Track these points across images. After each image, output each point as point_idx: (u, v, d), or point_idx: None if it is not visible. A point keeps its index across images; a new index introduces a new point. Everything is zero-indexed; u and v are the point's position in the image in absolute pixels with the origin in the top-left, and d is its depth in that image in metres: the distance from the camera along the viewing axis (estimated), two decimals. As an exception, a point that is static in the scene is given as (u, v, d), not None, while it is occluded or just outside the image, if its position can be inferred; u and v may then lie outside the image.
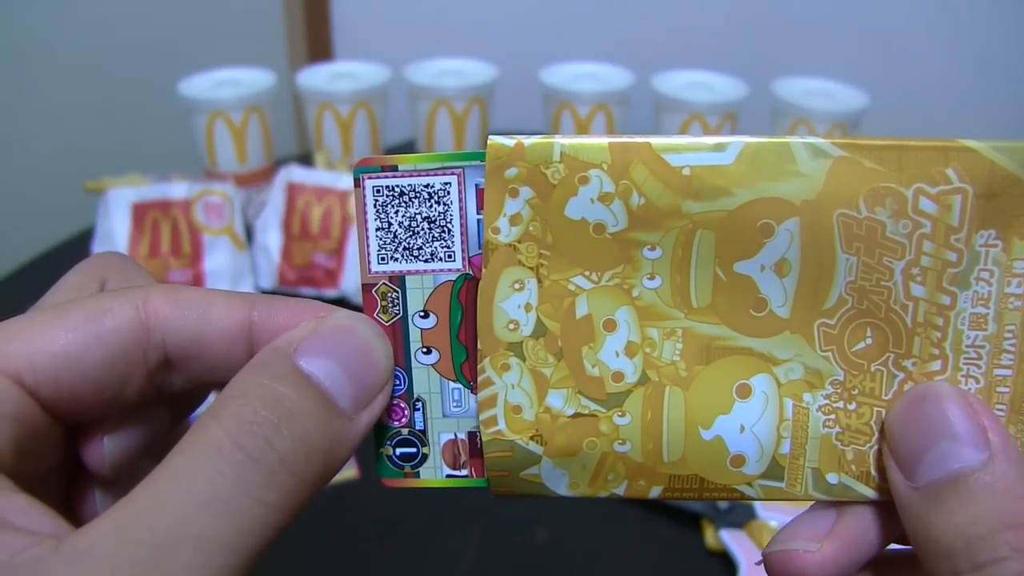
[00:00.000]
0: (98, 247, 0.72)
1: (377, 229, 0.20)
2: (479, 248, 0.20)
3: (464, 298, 0.21)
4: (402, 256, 0.21)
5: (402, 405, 0.21)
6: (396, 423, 0.22)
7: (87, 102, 1.17)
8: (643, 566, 0.52)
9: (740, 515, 0.53)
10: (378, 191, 0.20)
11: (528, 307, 0.20)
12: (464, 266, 0.21)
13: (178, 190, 0.75)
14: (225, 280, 0.73)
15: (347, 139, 0.89)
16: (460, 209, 0.20)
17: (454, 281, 0.21)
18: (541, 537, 0.53)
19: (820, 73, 0.89)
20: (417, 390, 0.21)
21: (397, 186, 0.20)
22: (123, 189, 0.74)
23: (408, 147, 0.96)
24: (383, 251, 0.21)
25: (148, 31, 1.20)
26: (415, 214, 0.20)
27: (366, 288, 0.21)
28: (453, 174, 0.20)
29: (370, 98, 0.88)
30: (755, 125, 0.90)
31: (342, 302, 0.73)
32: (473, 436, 0.22)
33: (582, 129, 0.88)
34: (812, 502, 0.22)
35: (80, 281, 0.22)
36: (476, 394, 0.21)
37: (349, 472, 0.58)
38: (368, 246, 0.21)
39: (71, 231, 0.84)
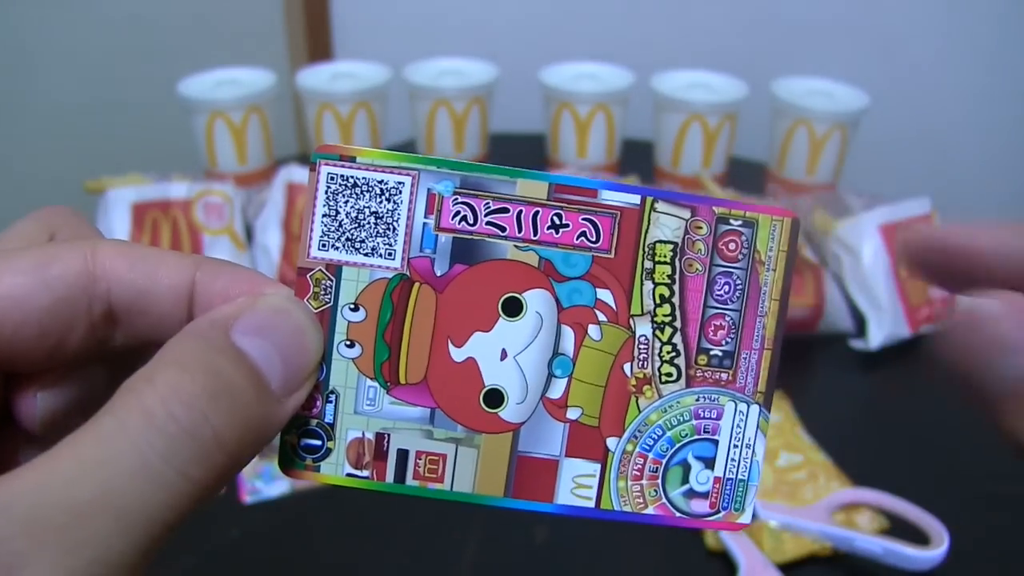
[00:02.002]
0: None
1: (324, 215, 0.21)
2: (420, 251, 0.21)
3: (396, 298, 0.21)
4: (343, 246, 0.21)
5: (315, 395, 0.21)
6: (306, 412, 0.21)
7: (87, 102, 1.17)
8: (643, 566, 0.52)
9: (740, 515, 0.53)
10: (332, 178, 0.20)
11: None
12: (402, 266, 0.21)
13: (178, 190, 0.75)
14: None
15: (347, 139, 0.89)
16: (409, 210, 0.21)
17: (390, 279, 0.21)
18: (541, 537, 0.53)
19: (820, 73, 0.89)
20: (333, 382, 0.21)
21: (352, 177, 0.20)
22: (123, 189, 0.74)
23: (408, 147, 0.96)
24: (326, 238, 0.21)
25: (148, 31, 1.20)
26: (364, 207, 0.21)
27: (301, 272, 0.21)
28: (408, 175, 0.20)
29: (370, 98, 0.88)
30: (755, 125, 0.90)
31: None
32: (380, 437, 0.21)
33: (582, 129, 0.88)
34: None
35: (30, 230, 0.22)
36: (391, 395, 0.21)
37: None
38: (312, 230, 0.21)
39: (71, 231, 0.84)
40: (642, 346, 0.21)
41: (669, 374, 0.21)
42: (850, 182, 0.89)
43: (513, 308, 0.21)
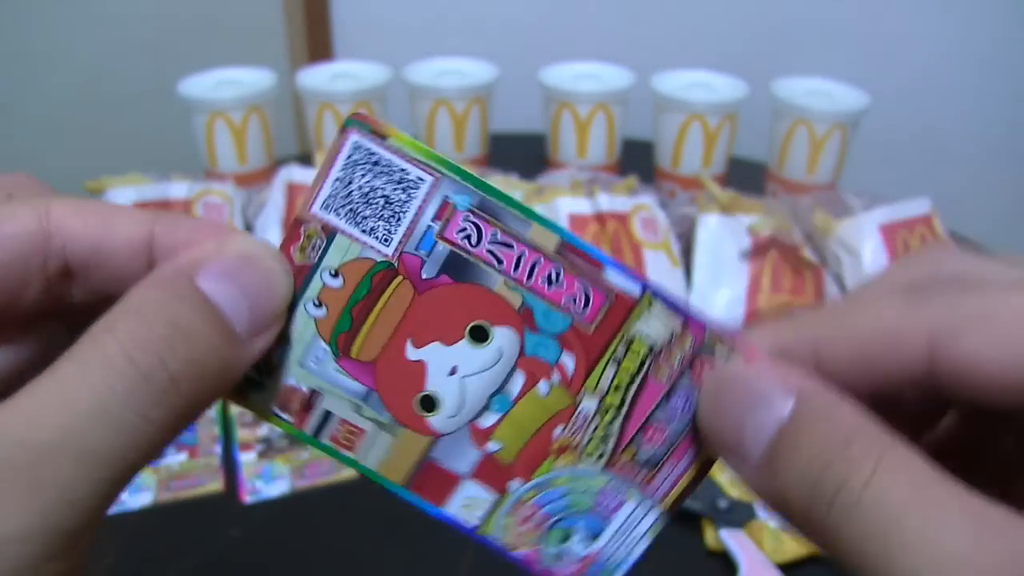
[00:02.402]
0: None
1: (337, 179, 0.20)
2: (415, 249, 0.21)
3: (376, 281, 0.21)
4: (345, 215, 0.21)
5: None
6: None
7: (87, 102, 1.17)
8: (643, 566, 0.52)
9: (740, 515, 0.53)
10: (357, 148, 0.20)
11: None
12: (393, 256, 0.21)
13: (178, 190, 0.75)
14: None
15: (347, 139, 0.89)
16: (419, 208, 0.20)
17: (377, 262, 0.21)
18: (541, 537, 0.53)
19: (820, 73, 0.89)
20: (290, 331, 0.21)
21: (377, 154, 0.20)
22: (123, 189, 0.74)
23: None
24: (331, 200, 0.20)
25: (148, 31, 1.20)
26: (378, 187, 0.20)
27: (297, 222, 0.21)
28: (432, 175, 0.20)
29: (370, 98, 0.88)
30: (755, 125, 0.90)
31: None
32: (314, 393, 0.22)
33: (582, 129, 0.88)
34: None
35: None
36: (338, 363, 0.21)
37: (350, 472, 0.58)
38: (320, 188, 0.20)
39: (71, 231, 0.84)
40: (580, 418, 0.22)
41: (593, 452, 0.22)
42: (850, 182, 0.89)
43: (479, 335, 0.21)
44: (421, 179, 0.20)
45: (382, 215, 0.20)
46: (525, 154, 0.95)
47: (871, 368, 0.19)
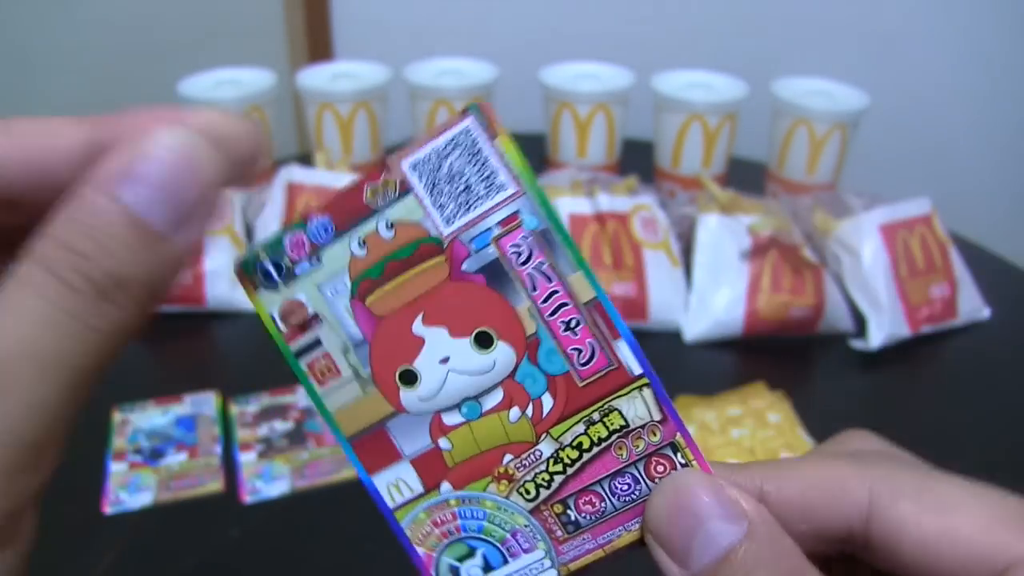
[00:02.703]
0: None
1: (435, 149, 0.21)
2: (467, 241, 0.22)
3: (420, 250, 0.22)
4: (426, 182, 0.21)
5: (307, 246, 0.22)
6: (290, 251, 0.22)
7: (87, 102, 1.17)
8: (643, 566, 0.52)
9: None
10: (467, 133, 0.21)
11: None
12: (446, 236, 0.22)
13: (178, 190, 0.75)
14: (225, 280, 0.73)
15: (347, 139, 0.89)
16: (491, 208, 0.21)
17: (429, 235, 0.22)
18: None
19: (820, 73, 0.89)
20: (325, 255, 0.22)
21: (480, 146, 0.21)
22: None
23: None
24: (421, 164, 0.21)
25: (148, 31, 1.20)
26: (466, 174, 0.21)
27: (382, 166, 0.22)
28: (517, 187, 0.21)
29: (370, 98, 0.88)
30: (755, 125, 0.90)
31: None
32: (315, 317, 0.22)
33: (582, 129, 0.88)
34: None
35: None
36: (351, 303, 0.22)
37: (350, 472, 0.58)
38: (418, 150, 0.21)
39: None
40: (532, 456, 0.23)
41: (528, 492, 0.23)
42: (850, 182, 0.89)
43: (484, 341, 0.22)
44: (505, 186, 0.21)
45: (457, 198, 0.21)
46: (525, 154, 0.95)
47: (814, 513, 0.21)
